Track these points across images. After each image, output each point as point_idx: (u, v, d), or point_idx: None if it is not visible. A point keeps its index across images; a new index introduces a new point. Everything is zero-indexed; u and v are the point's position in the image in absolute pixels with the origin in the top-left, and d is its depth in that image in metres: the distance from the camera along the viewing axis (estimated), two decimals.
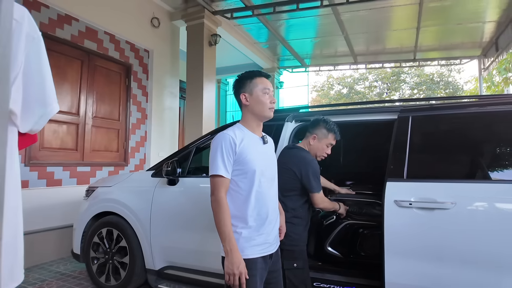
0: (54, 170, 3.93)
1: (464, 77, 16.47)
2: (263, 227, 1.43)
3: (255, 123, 1.52)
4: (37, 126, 0.96)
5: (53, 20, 3.89)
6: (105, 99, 4.63)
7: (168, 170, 2.50)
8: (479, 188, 1.73)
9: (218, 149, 1.41)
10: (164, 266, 2.64)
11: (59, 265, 3.63)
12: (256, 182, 1.42)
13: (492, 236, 1.63)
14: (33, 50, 0.91)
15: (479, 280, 1.62)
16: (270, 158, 1.55)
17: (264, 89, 1.49)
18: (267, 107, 1.48)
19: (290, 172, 2.00)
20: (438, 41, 6.87)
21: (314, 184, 1.98)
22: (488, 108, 1.91)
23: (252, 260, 1.37)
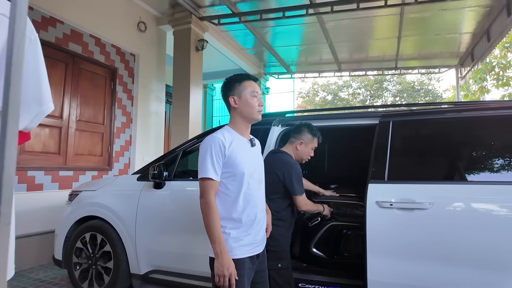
0: (35, 174, 3.84)
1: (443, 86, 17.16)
2: (251, 228, 1.46)
3: (244, 125, 1.55)
4: (32, 124, 0.97)
5: (37, 22, 3.84)
6: (90, 102, 4.57)
7: (154, 173, 2.50)
8: (455, 189, 1.82)
9: (208, 151, 1.42)
10: (149, 270, 2.62)
11: (39, 272, 3.52)
12: (245, 184, 1.45)
13: (468, 235, 1.71)
14: (30, 51, 0.92)
15: (458, 277, 1.70)
16: (258, 160, 1.59)
17: (253, 92, 1.52)
18: (256, 109, 1.51)
19: (274, 175, 2.04)
20: (418, 51, 7.14)
21: (297, 187, 2.03)
22: (463, 114, 2.02)
23: (241, 260, 1.40)
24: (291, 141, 2.27)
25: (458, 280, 1.69)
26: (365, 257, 1.88)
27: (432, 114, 2.12)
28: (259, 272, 1.55)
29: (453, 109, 2.11)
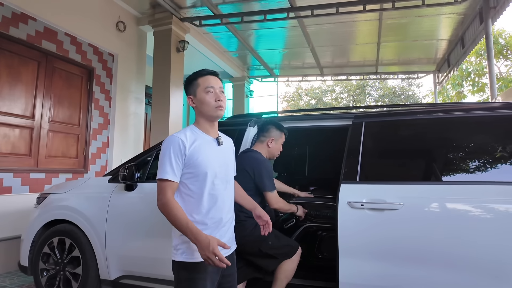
0: (3, 176, 3.67)
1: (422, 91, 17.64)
2: (216, 230, 1.40)
3: (207, 124, 1.49)
4: None
5: (6, 18, 3.69)
6: (64, 102, 4.42)
7: (125, 175, 2.42)
8: (426, 189, 1.83)
9: (167, 152, 1.37)
10: (120, 275, 2.52)
11: (5, 279, 3.35)
12: (208, 185, 1.40)
13: (439, 235, 1.72)
14: None
15: (429, 278, 1.71)
16: (225, 159, 1.52)
17: (206, 88, 1.44)
18: (213, 106, 1.43)
19: (244, 172, 2.04)
20: (398, 56, 7.31)
21: (267, 183, 2.05)
22: (434, 115, 2.05)
23: (203, 264, 1.33)
24: (261, 140, 2.31)
25: (429, 280, 1.70)
26: (337, 258, 1.87)
27: (404, 115, 2.14)
28: (227, 276, 1.48)
29: (425, 110, 2.14)
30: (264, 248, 2.01)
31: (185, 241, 1.36)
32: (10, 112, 3.74)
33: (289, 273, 2.07)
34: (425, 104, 2.51)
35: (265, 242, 2.02)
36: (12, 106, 3.76)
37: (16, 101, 3.81)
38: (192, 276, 1.33)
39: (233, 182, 1.58)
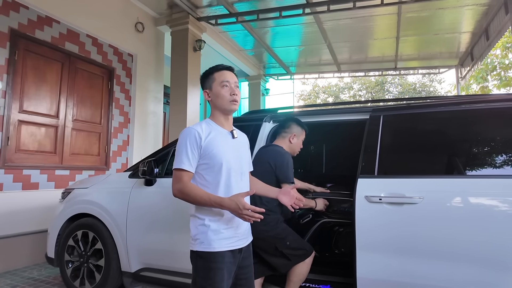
0: (31, 173, 3.84)
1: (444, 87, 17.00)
2: (232, 221, 1.43)
3: (222, 117, 1.53)
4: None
5: (32, 21, 3.86)
6: (86, 102, 4.58)
7: (144, 170, 2.48)
8: (446, 183, 1.78)
9: (183, 143, 1.42)
10: (140, 268, 2.60)
11: (32, 271, 3.51)
12: (224, 175, 1.43)
13: (460, 229, 1.68)
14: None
15: (448, 273, 1.66)
16: (240, 152, 1.54)
17: (222, 83, 1.49)
18: (227, 99, 1.47)
19: (265, 165, 2.08)
20: (418, 51, 7.10)
21: (289, 174, 2.08)
22: (453, 107, 1.99)
23: (220, 254, 1.37)
24: (283, 136, 2.33)
25: (449, 276, 1.65)
26: (354, 253, 1.85)
27: (422, 108, 2.09)
28: (243, 268, 1.50)
29: (443, 103, 2.07)
30: (280, 247, 2.02)
31: (202, 231, 1.39)
32: (36, 111, 3.91)
33: (302, 276, 2.08)
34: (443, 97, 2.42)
35: (283, 241, 2.03)
36: (38, 105, 3.93)
37: (42, 101, 3.98)
38: (209, 265, 1.36)
39: (247, 175, 1.60)
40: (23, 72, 3.76)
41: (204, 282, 1.35)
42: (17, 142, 3.71)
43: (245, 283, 1.52)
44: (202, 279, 1.36)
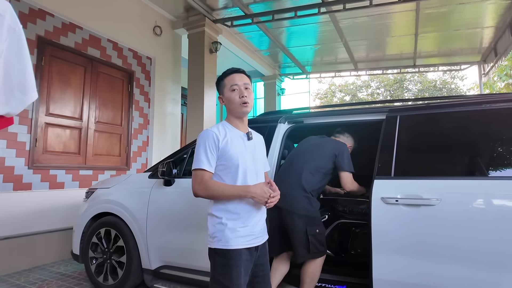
0: (57, 173, 4.03)
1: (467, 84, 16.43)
2: (248, 219, 1.47)
3: (237, 120, 1.57)
4: (14, 110, 1.04)
5: (57, 28, 4.04)
6: (108, 104, 4.75)
7: (163, 171, 2.56)
8: (464, 185, 1.76)
9: (201, 144, 1.47)
10: (159, 265, 2.68)
11: (60, 266, 3.69)
12: (240, 176, 1.47)
13: (478, 232, 1.65)
14: (15, 41, 0.99)
15: (466, 276, 1.64)
16: (255, 153, 1.58)
17: (232, 87, 1.53)
18: (238, 103, 1.51)
19: (327, 150, 2.27)
20: (437, 47, 6.92)
21: (349, 164, 2.24)
22: (472, 107, 1.95)
23: (237, 251, 1.41)
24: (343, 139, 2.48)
25: (466, 279, 1.63)
26: (370, 255, 1.85)
27: (440, 108, 2.06)
28: (260, 265, 1.54)
29: (462, 103, 2.03)
30: (310, 231, 2.09)
31: (220, 229, 1.44)
32: (62, 114, 4.09)
33: (314, 276, 2.13)
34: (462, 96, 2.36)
35: (315, 227, 2.12)
36: (64, 108, 4.12)
37: (67, 104, 4.16)
38: (227, 262, 1.40)
39: (263, 175, 1.63)
40: (49, 77, 3.95)
41: (222, 278, 1.39)
42: (44, 143, 3.90)
43: (261, 280, 1.56)
44: (220, 275, 1.40)
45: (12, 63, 0.98)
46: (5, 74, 0.97)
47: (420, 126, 2.07)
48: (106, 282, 2.85)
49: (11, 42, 0.97)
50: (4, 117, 1.05)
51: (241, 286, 1.39)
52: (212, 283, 1.43)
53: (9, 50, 0.96)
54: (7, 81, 0.98)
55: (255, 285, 1.53)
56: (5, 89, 0.98)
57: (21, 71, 1.01)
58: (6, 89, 0.98)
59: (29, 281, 3.17)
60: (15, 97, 1.01)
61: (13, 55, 0.98)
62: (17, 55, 1.00)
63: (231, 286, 1.37)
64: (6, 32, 0.94)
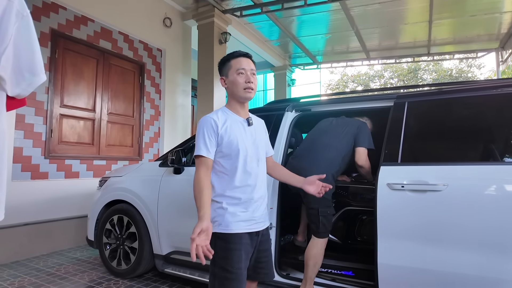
0: (72, 163, 4.16)
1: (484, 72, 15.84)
2: (249, 205, 1.49)
3: (238, 105, 1.56)
4: (24, 92, 1.09)
5: (70, 21, 4.12)
6: (120, 96, 4.84)
7: (173, 159, 2.62)
8: (471, 170, 1.73)
9: (200, 131, 1.48)
10: (170, 251, 2.76)
11: (76, 252, 3.84)
12: (241, 162, 1.47)
13: (485, 218, 1.63)
14: (23, 26, 1.03)
15: (472, 261, 1.63)
16: (256, 138, 1.57)
17: (238, 70, 1.50)
18: (242, 87, 1.49)
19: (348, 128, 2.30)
20: (453, 34, 6.71)
21: (368, 140, 2.26)
22: (480, 92, 1.91)
23: (237, 235, 1.43)
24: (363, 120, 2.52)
25: (472, 264, 1.63)
26: (375, 240, 1.86)
27: (448, 94, 2.02)
28: (263, 251, 1.56)
29: (470, 88, 1.99)
30: (321, 212, 2.16)
31: (220, 214, 1.45)
32: (75, 105, 4.20)
33: (317, 259, 2.14)
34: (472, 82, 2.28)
35: (326, 208, 2.19)
36: (77, 100, 4.22)
37: (80, 96, 4.26)
38: (227, 246, 1.42)
39: (264, 161, 1.63)
40: (63, 69, 4.05)
41: (222, 262, 1.40)
42: (59, 134, 4.02)
43: (265, 266, 1.57)
44: (220, 259, 1.41)
45: (21, 46, 1.03)
46: (15, 57, 1.02)
47: (428, 112, 2.04)
48: (119, 267, 2.96)
49: (20, 26, 1.01)
50: (16, 99, 1.10)
51: (241, 269, 1.41)
52: (213, 267, 1.44)
53: (18, 34, 1.01)
54: (17, 64, 1.03)
55: (258, 270, 1.55)
56: (15, 71, 1.03)
57: (30, 54, 1.06)
58: (16, 71, 1.03)
59: (48, 265, 3.32)
60: (25, 78, 1.06)
61: (22, 39, 1.03)
62: (25, 39, 1.04)
63: (231, 269, 1.39)
64: (15, 17, 0.99)
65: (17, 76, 1.04)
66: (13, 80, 1.03)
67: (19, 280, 2.91)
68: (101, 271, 3.15)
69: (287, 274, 2.26)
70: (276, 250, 2.25)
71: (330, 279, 2.15)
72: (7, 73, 1.00)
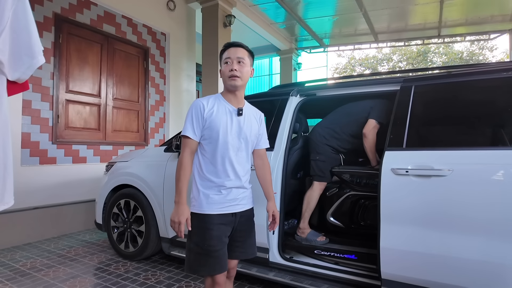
0: (79, 148, 4.21)
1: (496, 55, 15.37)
2: (220, 189, 1.54)
3: (229, 94, 1.60)
4: (24, 75, 1.09)
5: (73, 5, 4.08)
6: (125, 81, 4.83)
7: (177, 144, 2.62)
8: (477, 155, 1.71)
9: (189, 113, 1.56)
10: (176, 234, 2.81)
11: (85, 234, 3.94)
12: (220, 148, 1.53)
13: (489, 203, 1.62)
14: (20, 8, 1.02)
15: (475, 246, 1.63)
16: (243, 129, 1.58)
17: (225, 59, 1.57)
18: (227, 75, 1.55)
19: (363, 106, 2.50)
20: (465, 15, 6.49)
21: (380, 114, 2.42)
22: (490, 75, 1.85)
23: (209, 215, 1.51)
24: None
25: (476, 250, 1.62)
26: (378, 224, 1.86)
27: (456, 77, 1.96)
28: (239, 231, 1.61)
29: (479, 71, 1.93)
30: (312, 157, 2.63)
31: (196, 195, 1.55)
32: (81, 91, 4.21)
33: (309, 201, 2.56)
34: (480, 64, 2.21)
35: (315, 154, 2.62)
36: (82, 85, 4.23)
37: (85, 81, 4.27)
38: (201, 225, 1.52)
39: (247, 152, 1.63)
40: (67, 54, 4.04)
41: (196, 238, 1.52)
42: (66, 120, 4.05)
43: (240, 245, 1.64)
44: (195, 235, 1.52)
45: (18, 30, 1.02)
46: (12, 40, 1.02)
47: (435, 96, 2.00)
48: (127, 250, 3.04)
49: (16, 9, 1.00)
50: (17, 83, 1.11)
51: (212, 246, 1.49)
52: (188, 240, 1.56)
53: (15, 17, 1.00)
54: (15, 48, 1.03)
55: (234, 248, 1.62)
56: (14, 55, 1.03)
57: (27, 37, 1.05)
58: (15, 55, 1.03)
59: (58, 248, 3.42)
60: (24, 62, 1.06)
61: (19, 22, 1.02)
62: (22, 22, 1.03)
63: (202, 245, 1.49)
64: (11, 0, 0.98)
65: (16, 59, 1.04)
66: (11, 63, 1.03)
67: (31, 261, 3.01)
68: (110, 253, 3.24)
69: (290, 258, 2.29)
70: (280, 234, 2.28)
71: (334, 263, 2.18)
72: (5, 56, 1.00)
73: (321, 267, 2.15)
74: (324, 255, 2.29)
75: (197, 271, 1.57)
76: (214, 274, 1.51)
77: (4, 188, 1.07)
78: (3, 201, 1.08)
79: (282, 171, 2.29)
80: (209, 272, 1.51)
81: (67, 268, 2.82)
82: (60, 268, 2.84)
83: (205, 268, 1.50)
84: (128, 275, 2.68)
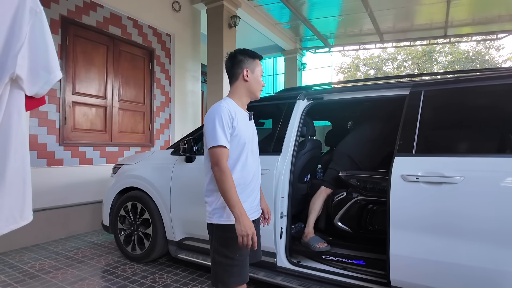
0: (86, 150, 4.23)
1: (503, 54, 15.20)
2: (250, 195, 1.55)
3: (246, 99, 1.62)
4: (42, 90, 1.09)
5: (79, 7, 4.09)
6: (130, 82, 4.84)
7: (184, 148, 2.63)
8: (489, 163, 1.69)
9: (217, 120, 1.44)
10: (183, 237, 2.82)
11: (92, 236, 3.97)
12: (244, 155, 1.53)
13: (501, 211, 1.61)
14: (37, 23, 1.02)
15: (485, 254, 1.62)
16: (254, 133, 1.65)
17: (261, 71, 1.65)
18: (260, 88, 1.63)
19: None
20: (472, 15, 6.43)
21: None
22: (501, 80, 1.83)
23: (233, 226, 1.47)
24: None
25: (486, 258, 1.61)
26: (388, 231, 1.85)
27: (466, 82, 1.94)
28: None
29: (490, 77, 1.91)
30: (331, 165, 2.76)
31: (221, 206, 1.49)
32: (87, 93, 4.23)
33: (313, 205, 2.65)
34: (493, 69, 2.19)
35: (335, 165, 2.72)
36: (89, 87, 4.25)
37: (91, 83, 4.28)
38: (229, 235, 1.47)
39: (258, 156, 1.69)
40: (74, 56, 4.06)
41: (226, 250, 1.47)
42: (73, 121, 4.08)
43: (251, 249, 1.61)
44: (223, 248, 1.47)
45: (36, 44, 1.02)
46: (30, 55, 1.01)
47: (445, 101, 1.98)
48: (134, 252, 3.05)
49: (34, 24, 1.00)
50: (35, 98, 1.11)
51: (243, 255, 1.49)
52: (217, 255, 1.49)
53: (33, 32, 1.00)
54: (32, 62, 1.02)
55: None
56: (31, 69, 1.03)
57: (44, 52, 1.05)
58: (32, 70, 1.03)
59: (66, 249, 3.44)
60: (41, 77, 1.06)
61: (37, 37, 1.02)
62: (40, 36, 1.03)
63: (233, 257, 1.46)
64: (28, 14, 0.98)
65: (33, 74, 1.03)
66: (30, 78, 1.03)
67: (39, 263, 3.03)
68: (117, 255, 3.25)
69: (298, 262, 2.29)
70: (287, 239, 2.27)
71: (341, 268, 2.17)
72: (24, 71, 1.00)
73: (328, 272, 2.14)
74: (332, 260, 2.28)
75: (229, 284, 1.47)
76: (245, 282, 1.50)
77: (24, 204, 1.07)
78: (23, 216, 1.08)
79: (290, 175, 2.29)
80: (242, 282, 1.48)
81: (75, 270, 2.84)
82: (68, 270, 2.85)
83: (239, 279, 1.47)
84: (135, 277, 2.69)
